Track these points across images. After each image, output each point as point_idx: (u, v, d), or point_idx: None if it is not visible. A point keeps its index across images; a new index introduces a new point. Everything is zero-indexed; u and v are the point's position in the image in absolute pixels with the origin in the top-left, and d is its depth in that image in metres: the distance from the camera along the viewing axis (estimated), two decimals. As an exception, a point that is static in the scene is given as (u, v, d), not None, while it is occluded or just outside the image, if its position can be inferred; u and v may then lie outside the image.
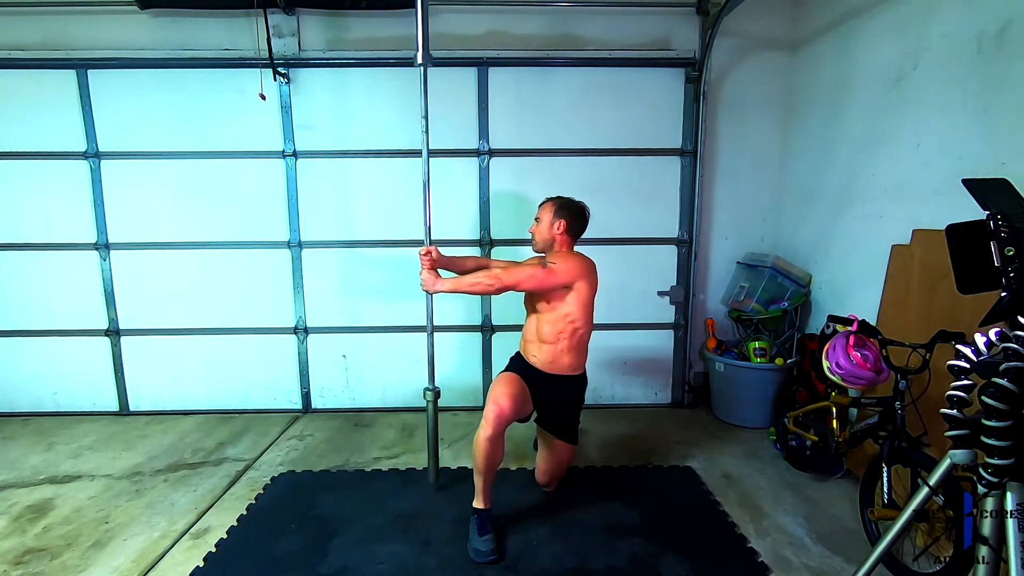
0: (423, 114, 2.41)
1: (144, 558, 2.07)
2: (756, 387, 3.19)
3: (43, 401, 3.53)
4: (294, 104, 3.31)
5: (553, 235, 2.35)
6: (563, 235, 2.35)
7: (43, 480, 2.67)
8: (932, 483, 1.37)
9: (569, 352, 2.33)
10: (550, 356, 2.32)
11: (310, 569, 1.99)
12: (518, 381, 2.26)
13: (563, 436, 2.39)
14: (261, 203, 3.40)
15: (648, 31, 3.33)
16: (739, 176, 3.52)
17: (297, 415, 3.52)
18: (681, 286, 3.55)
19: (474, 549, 2.05)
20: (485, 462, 2.10)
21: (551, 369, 2.34)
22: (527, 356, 2.40)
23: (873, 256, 2.62)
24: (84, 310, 3.45)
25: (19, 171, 3.32)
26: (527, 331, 2.41)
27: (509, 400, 2.13)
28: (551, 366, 2.33)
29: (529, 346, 2.39)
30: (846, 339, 2.24)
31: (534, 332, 2.36)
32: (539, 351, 2.34)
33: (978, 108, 2.12)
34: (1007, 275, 1.16)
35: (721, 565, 2.02)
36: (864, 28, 2.74)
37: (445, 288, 2.35)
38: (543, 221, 2.36)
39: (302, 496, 2.49)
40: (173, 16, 3.22)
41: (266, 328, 3.50)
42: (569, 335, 2.30)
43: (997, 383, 1.12)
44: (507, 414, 2.11)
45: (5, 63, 3.20)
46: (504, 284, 2.23)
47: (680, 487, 2.57)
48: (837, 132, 2.97)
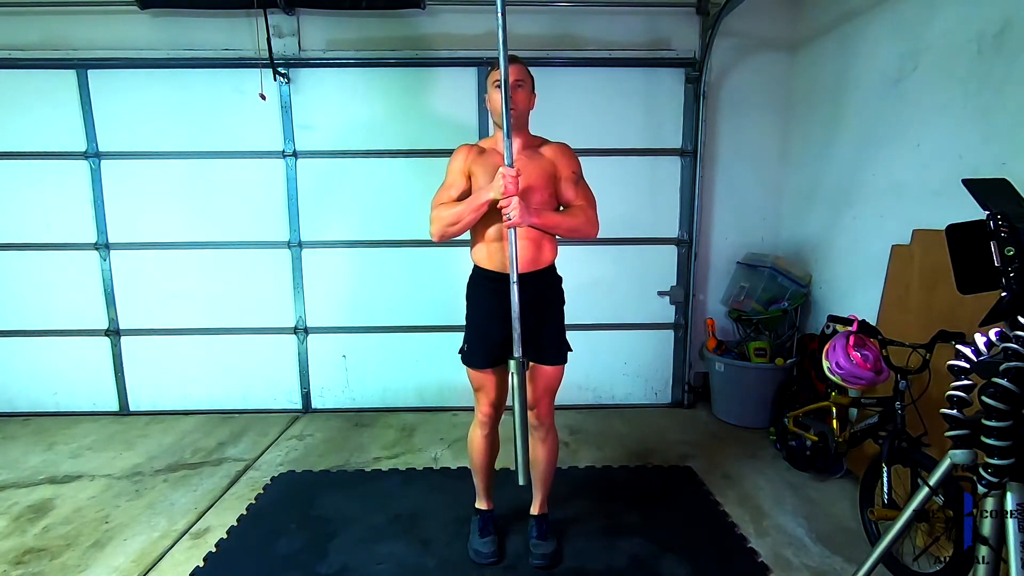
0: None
1: (144, 558, 2.07)
2: (756, 387, 3.19)
3: (43, 401, 3.53)
4: (294, 104, 3.31)
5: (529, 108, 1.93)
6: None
7: (43, 480, 2.67)
8: (932, 483, 1.37)
9: (549, 237, 1.93)
10: (535, 249, 1.88)
11: (310, 569, 1.99)
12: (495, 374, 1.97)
13: (555, 358, 1.96)
14: (261, 203, 3.40)
15: (648, 31, 3.33)
16: (739, 176, 3.51)
17: (297, 415, 3.52)
18: (681, 286, 3.55)
19: (474, 550, 2.04)
20: (481, 459, 2.05)
21: (537, 265, 1.89)
22: (495, 264, 1.89)
23: (873, 256, 2.62)
24: (84, 310, 3.45)
25: (19, 171, 3.33)
26: (492, 232, 1.87)
27: (494, 396, 1.98)
28: (536, 262, 1.89)
29: (499, 249, 1.87)
30: (846, 339, 2.24)
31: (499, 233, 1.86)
32: (523, 248, 1.83)
33: (978, 108, 2.12)
34: (1007, 275, 1.16)
35: (721, 565, 2.02)
36: (864, 28, 2.74)
37: (537, 222, 1.80)
38: (527, 85, 1.91)
39: (302, 496, 2.49)
40: (173, 16, 3.22)
41: (266, 328, 3.50)
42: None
43: (997, 383, 1.12)
44: (496, 412, 2.01)
45: (5, 63, 3.20)
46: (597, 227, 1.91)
47: (680, 487, 2.57)
48: (837, 132, 2.97)
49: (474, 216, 1.82)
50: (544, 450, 2.03)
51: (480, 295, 1.96)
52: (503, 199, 1.72)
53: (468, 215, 1.81)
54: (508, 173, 1.72)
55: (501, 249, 1.87)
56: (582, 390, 3.60)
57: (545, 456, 2.04)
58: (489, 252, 1.91)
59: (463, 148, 1.95)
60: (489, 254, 1.91)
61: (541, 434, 2.02)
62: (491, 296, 1.89)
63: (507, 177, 1.71)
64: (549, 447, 2.04)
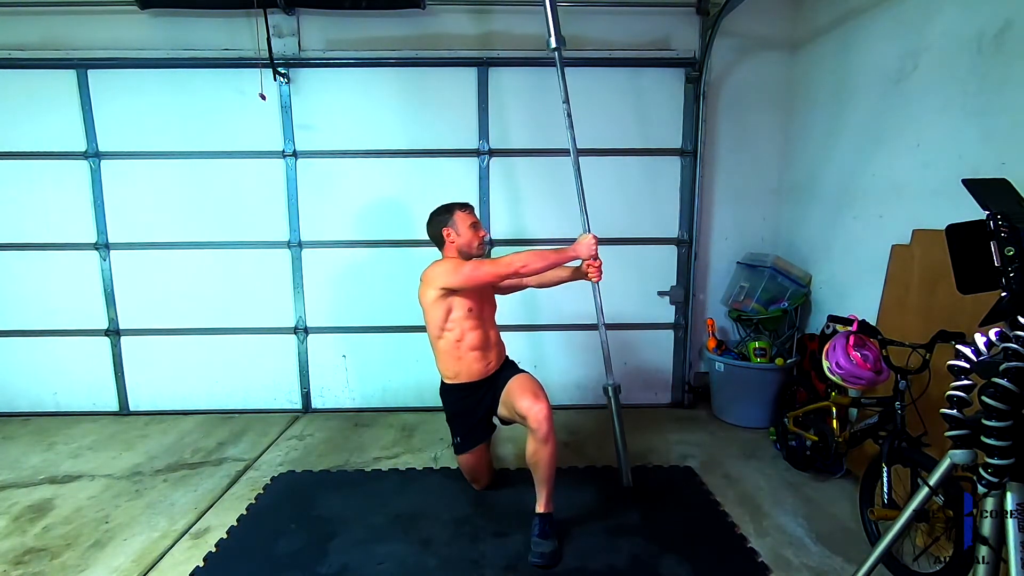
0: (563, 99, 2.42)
1: (144, 558, 2.07)
2: (756, 387, 3.19)
3: (43, 401, 3.53)
4: (294, 104, 3.32)
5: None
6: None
7: (43, 480, 2.67)
8: (932, 483, 1.37)
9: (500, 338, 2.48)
10: (500, 350, 2.45)
11: (310, 569, 1.99)
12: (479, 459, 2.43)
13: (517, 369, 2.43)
14: (261, 203, 3.40)
15: (648, 31, 3.33)
16: (739, 176, 3.51)
17: (297, 415, 3.52)
18: (681, 286, 3.55)
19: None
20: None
21: (500, 362, 2.43)
22: (473, 375, 2.32)
23: (873, 256, 2.62)
24: (84, 310, 3.45)
25: (19, 171, 3.33)
26: (472, 343, 2.29)
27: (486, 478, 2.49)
28: (499, 360, 2.43)
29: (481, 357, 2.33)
30: (846, 339, 2.24)
31: (483, 341, 2.33)
32: (496, 354, 2.40)
33: (978, 108, 2.12)
34: (1007, 275, 1.16)
35: (721, 565, 2.02)
36: (864, 28, 2.74)
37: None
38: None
39: (302, 496, 2.49)
40: (173, 16, 3.22)
41: (266, 328, 3.50)
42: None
43: (997, 383, 1.12)
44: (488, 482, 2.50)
45: (5, 63, 3.20)
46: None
47: (680, 487, 2.57)
48: (837, 132, 2.97)
49: (556, 265, 2.21)
50: (545, 450, 2.08)
51: (465, 407, 2.37)
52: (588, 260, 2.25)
53: (558, 260, 2.16)
54: (593, 240, 2.19)
55: (479, 359, 2.31)
56: (582, 390, 3.60)
57: (546, 456, 2.08)
58: (469, 364, 2.30)
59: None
60: (468, 366, 2.31)
61: (542, 435, 2.07)
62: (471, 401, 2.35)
63: (592, 246, 2.19)
64: (550, 448, 2.08)
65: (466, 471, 2.48)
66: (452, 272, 2.18)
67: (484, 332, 2.31)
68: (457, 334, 2.26)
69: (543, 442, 2.07)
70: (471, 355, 2.29)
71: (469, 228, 2.29)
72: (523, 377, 2.31)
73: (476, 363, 2.30)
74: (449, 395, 2.39)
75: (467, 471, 2.47)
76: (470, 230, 2.30)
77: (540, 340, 3.57)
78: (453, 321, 2.25)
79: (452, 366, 2.32)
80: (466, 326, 2.26)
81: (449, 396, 2.40)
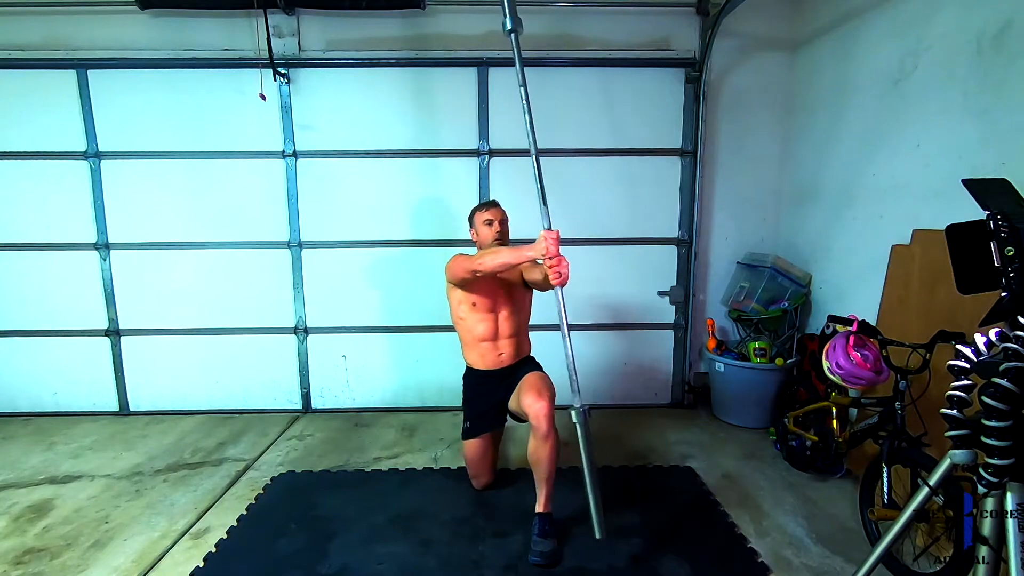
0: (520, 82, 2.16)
1: (144, 558, 2.06)
2: (756, 387, 3.19)
3: (43, 401, 3.53)
4: (294, 104, 3.32)
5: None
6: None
7: (43, 480, 2.67)
8: (932, 483, 1.36)
9: (527, 336, 2.55)
10: (518, 345, 2.48)
11: (310, 569, 1.99)
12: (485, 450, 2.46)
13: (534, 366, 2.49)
14: (261, 203, 3.40)
15: (648, 31, 3.33)
16: (739, 176, 3.51)
17: (297, 415, 3.52)
18: (681, 286, 3.55)
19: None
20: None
21: (519, 357, 2.49)
22: (488, 364, 2.43)
23: (873, 256, 2.62)
24: (84, 310, 3.45)
25: (19, 171, 3.33)
26: (482, 334, 2.39)
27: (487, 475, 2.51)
28: (517, 355, 2.48)
29: (489, 349, 2.42)
30: (846, 339, 2.24)
31: (493, 333, 2.41)
32: (508, 345, 2.44)
33: (978, 108, 2.12)
34: (1007, 275, 1.16)
35: (721, 565, 2.01)
36: (864, 28, 2.74)
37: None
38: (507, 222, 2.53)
39: (302, 496, 2.49)
40: (173, 16, 3.22)
41: (266, 328, 3.50)
42: (526, 321, 2.52)
43: (997, 383, 1.12)
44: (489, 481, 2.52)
45: (5, 63, 3.20)
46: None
47: (680, 487, 2.57)
48: (837, 132, 2.97)
49: (510, 264, 2.11)
50: (545, 448, 2.09)
51: (478, 393, 2.47)
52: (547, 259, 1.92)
53: (511, 260, 2.07)
54: (550, 236, 1.92)
55: (491, 349, 2.40)
56: (582, 390, 3.58)
57: (546, 454, 2.10)
58: (481, 353, 2.42)
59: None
60: (481, 355, 2.42)
61: (542, 433, 2.09)
62: (485, 388, 2.44)
63: (548, 240, 1.92)
64: (550, 445, 2.09)
65: (469, 462, 2.49)
66: (447, 267, 2.33)
67: (494, 325, 2.41)
68: (468, 323, 2.41)
69: (543, 440, 2.08)
70: (481, 345, 2.42)
71: (483, 225, 2.44)
72: (535, 375, 2.35)
73: (488, 353, 2.43)
74: (467, 379, 2.54)
75: (470, 461, 2.48)
76: (484, 227, 2.44)
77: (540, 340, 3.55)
78: (463, 311, 2.40)
79: (467, 352, 2.49)
80: (474, 318, 2.39)
81: (467, 380, 2.54)
